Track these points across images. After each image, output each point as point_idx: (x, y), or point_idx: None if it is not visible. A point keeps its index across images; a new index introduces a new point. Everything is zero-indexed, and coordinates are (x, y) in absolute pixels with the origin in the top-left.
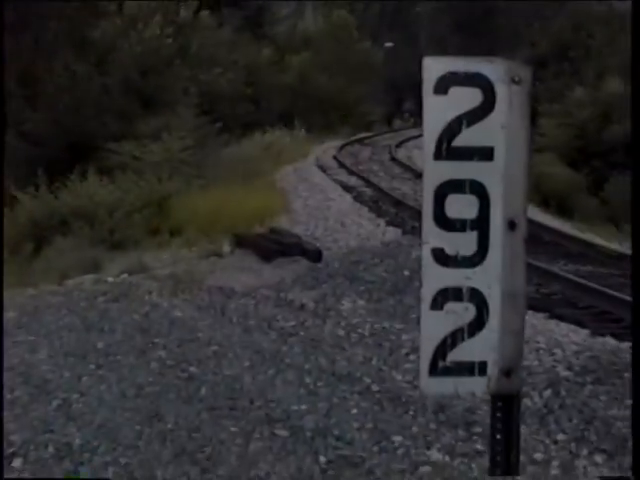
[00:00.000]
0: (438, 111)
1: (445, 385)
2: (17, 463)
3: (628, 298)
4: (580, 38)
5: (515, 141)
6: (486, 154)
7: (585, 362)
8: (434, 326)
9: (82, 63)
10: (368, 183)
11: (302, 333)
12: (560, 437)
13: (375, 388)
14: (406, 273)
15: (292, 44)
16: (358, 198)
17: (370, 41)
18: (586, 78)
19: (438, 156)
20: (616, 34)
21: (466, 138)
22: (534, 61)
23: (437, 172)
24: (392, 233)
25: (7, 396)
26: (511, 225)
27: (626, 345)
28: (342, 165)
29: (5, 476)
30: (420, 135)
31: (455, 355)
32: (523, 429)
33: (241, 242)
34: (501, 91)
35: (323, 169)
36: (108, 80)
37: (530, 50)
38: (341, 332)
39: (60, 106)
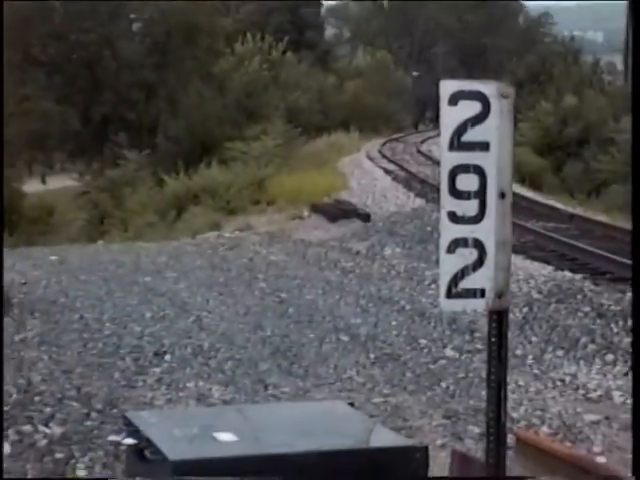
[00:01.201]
0: (451, 117)
1: (457, 304)
2: (167, 357)
3: (579, 244)
4: (546, 68)
5: (504, 137)
6: (484, 146)
7: (550, 288)
8: (449, 264)
9: (208, 89)
10: (402, 168)
11: (357, 270)
12: (533, 339)
13: (408, 307)
14: (428, 229)
15: (348, 74)
16: (395, 178)
17: (402, 71)
18: (550, 96)
19: (451, 148)
20: (570, 65)
21: (470, 135)
22: (515, 83)
23: (451, 159)
24: (419, 202)
25: (159, 314)
26: (502, 195)
27: (579, 276)
28: (384, 156)
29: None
30: (436, 135)
31: (464, 284)
32: (509, 334)
33: (315, 209)
34: (494, 103)
35: (371, 159)
36: (225, 100)
37: (511, 76)
38: (384, 270)
39: (193, 117)
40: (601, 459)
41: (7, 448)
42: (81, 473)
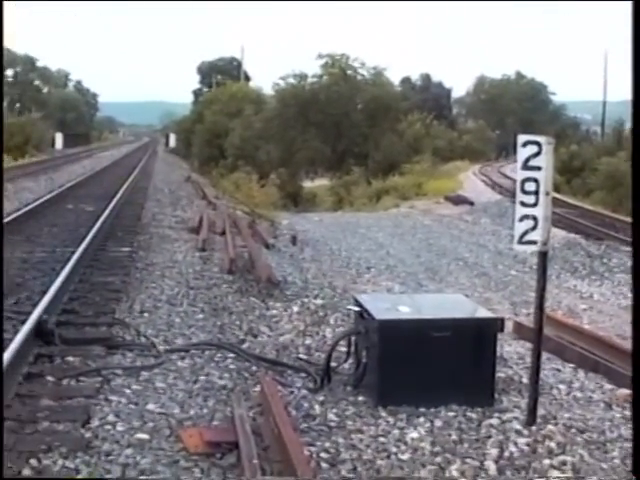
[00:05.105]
0: (523, 153)
1: (523, 248)
2: (372, 270)
3: (579, 220)
4: (563, 131)
5: (548, 164)
6: (539, 168)
7: (564, 242)
8: (520, 227)
9: (394, 137)
10: (490, 179)
11: (467, 230)
12: (555, 267)
13: (492, 249)
14: (503, 210)
15: (464, 132)
16: (486, 184)
17: (490, 131)
18: (565, 145)
19: (523, 168)
20: (574, 130)
21: (532, 162)
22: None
23: (522, 174)
24: (498, 197)
25: (369, 247)
26: (547, 193)
27: (578, 236)
28: (481, 173)
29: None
30: (508, 163)
31: (527, 237)
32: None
33: (447, 198)
34: (544, 146)
35: (474, 174)
36: (403, 143)
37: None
38: (481, 230)
39: (387, 151)
40: (587, 327)
41: (296, 309)
42: (331, 322)
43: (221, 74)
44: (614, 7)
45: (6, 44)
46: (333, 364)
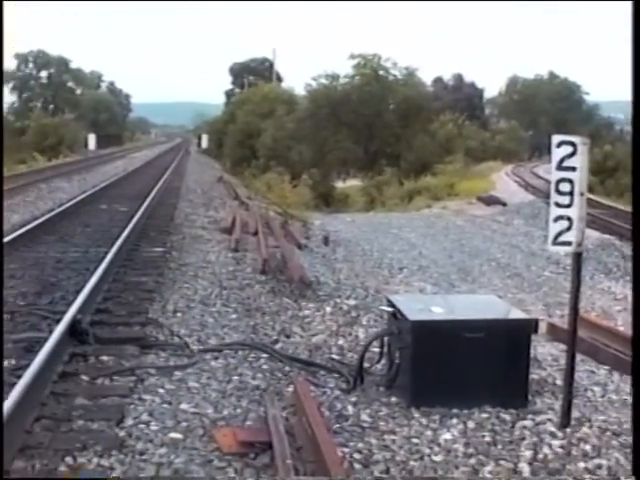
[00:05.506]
0: (558, 153)
1: (557, 249)
2: (404, 270)
3: (613, 221)
4: (596, 131)
5: (583, 165)
6: (573, 169)
7: (598, 242)
8: (554, 228)
9: (426, 137)
10: (523, 179)
11: (500, 231)
12: (589, 268)
13: (525, 250)
14: (536, 211)
15: (496, 132)
16: (519, 185)
17: (523, 131)
18: (598, 145)
19: (557, 169)
20: (608, 130)
21: (567, 163)
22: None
23: (557, 175)
24: (531, 197)
25: (401, 248)
26: (581, 194)
27: (612, 237)
28: (514, 173)
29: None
30: (542, 163)
31: (561, 238)
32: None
33: (479, 199)
34: (579, 147)
35: (507, 174)
36: (434, 143)
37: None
38: (514, 230)
39: (419, 152)
40: (620, 328)
41: (329, 309)
42: (364, 322)
43: (253, 75)
44: None
45: (15, 45)
46: (366, 365)
